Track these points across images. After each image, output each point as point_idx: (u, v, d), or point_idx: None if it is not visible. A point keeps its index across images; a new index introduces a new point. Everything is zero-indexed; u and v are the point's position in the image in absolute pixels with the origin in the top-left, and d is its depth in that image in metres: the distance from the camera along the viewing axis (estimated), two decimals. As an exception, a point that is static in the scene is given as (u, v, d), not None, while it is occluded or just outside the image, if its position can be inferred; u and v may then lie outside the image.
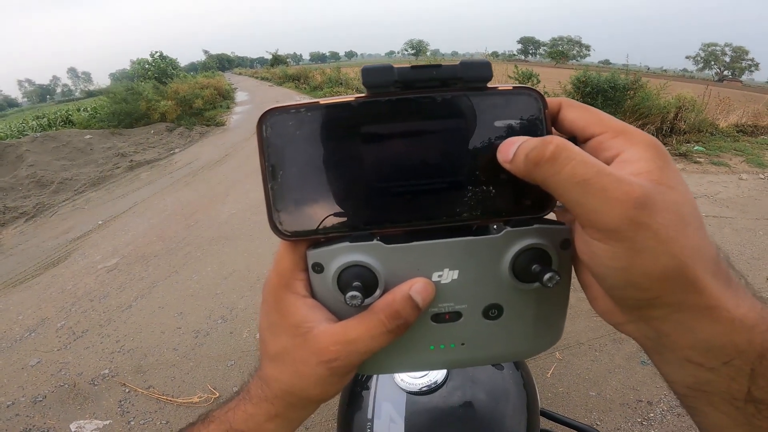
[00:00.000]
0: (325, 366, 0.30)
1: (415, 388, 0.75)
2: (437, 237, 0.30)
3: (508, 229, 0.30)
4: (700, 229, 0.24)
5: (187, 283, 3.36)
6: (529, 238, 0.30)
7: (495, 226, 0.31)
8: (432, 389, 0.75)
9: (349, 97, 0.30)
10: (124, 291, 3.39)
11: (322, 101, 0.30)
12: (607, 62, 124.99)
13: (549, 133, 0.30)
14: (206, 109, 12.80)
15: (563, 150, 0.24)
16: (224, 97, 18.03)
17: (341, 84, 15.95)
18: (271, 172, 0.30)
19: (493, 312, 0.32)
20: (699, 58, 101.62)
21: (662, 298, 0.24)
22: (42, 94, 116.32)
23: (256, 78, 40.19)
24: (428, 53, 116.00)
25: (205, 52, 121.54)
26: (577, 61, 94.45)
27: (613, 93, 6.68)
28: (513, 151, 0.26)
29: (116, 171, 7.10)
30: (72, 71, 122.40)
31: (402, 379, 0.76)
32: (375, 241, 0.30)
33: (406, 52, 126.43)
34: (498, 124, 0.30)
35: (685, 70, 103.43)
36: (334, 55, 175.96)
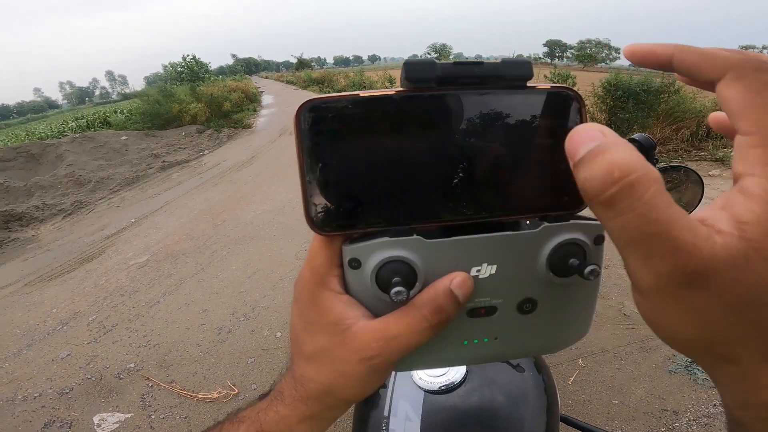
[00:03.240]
0: (366, 363, 0.30)
1: (434, 387, 0.74)
2: (475, 232, 0.30)
3: (546, 224, 0.30)
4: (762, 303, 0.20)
5: (212, 281, 3.44)
6: (566, 233, 0.30)
7: (528, 222, 0.31)
8: (450, 389, 0.74)
9: (390, 91, 0.30)
10: (153, 287, 3.50)
11: (362, 94, 0.30)
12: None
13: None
14: (234, 112, 13.10)
15: (631, 192, 0.19)
16: (251, 100, 18.44)
17: (365, 88, 16.02)
18: (308, 165, 0.30)
19: (527, 306, 0.32)
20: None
21: (695, 360, 0.23)
22: (81, 96, 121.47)
23: (282, 81, 40.92)
24: (451, 57, 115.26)
25: (233, 56, 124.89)
26: (606, 64, 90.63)
27: (646, 96, 6.43)
28: (582, 154, 0.22)
29: (149, 171, 7.35)
30: (109, 74, 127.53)
31: (420, 378, 0.75)
32: (415, 236, 0.30)
33: (429, 56, 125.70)
34: (537, 122, 0.30)
35: None
36: (358, 59, 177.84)
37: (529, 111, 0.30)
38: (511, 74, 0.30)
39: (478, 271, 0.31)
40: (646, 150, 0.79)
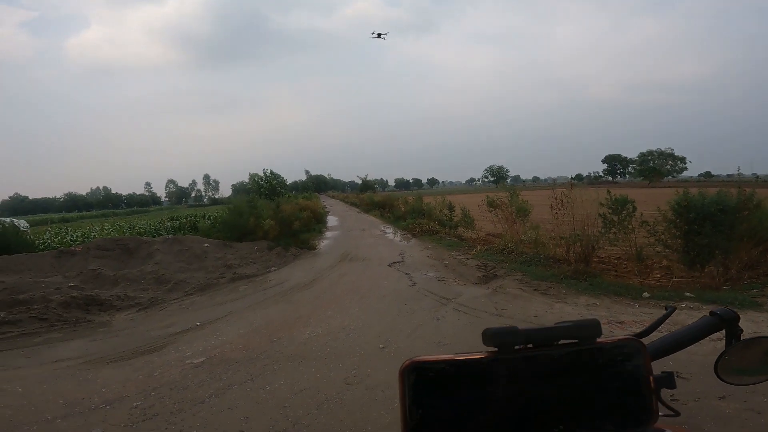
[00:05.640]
0: None
1: None
2: None
3: None
4: None
5: (259, 392, 3.44)
6: None
7: None
8: None
9: (480, 354, 0.38)
10: (202, 387, 3.55)
11: (458, 357, 0.38)
12: (708, 175, 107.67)
13: (649, 371, 0.39)
14: (302, 231, 13.75)
15: None
16: (318, 221, 19.38)
17: (424, 216, 16.23)
18: (410, 411, 0.37)
19: None
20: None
21: None
22: (180, 196, 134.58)
23: (346, 203, 43.82)
24: (508, 180, 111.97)
25: (307, 172, 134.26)
26: (673, 177, 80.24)
27: (723, 217, 5.69)
28: None
29: (221, 280, 7.87)
30: (206, 177, 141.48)
31: None
32: None
33: (486, 180, 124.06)
34: (608, 366, 0.38)
35: None
36: (417, 182, 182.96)
37: (602, 359, 0.38)
38: (582, 335, 0.38)
39: None
40: (728, 322, 0.80)
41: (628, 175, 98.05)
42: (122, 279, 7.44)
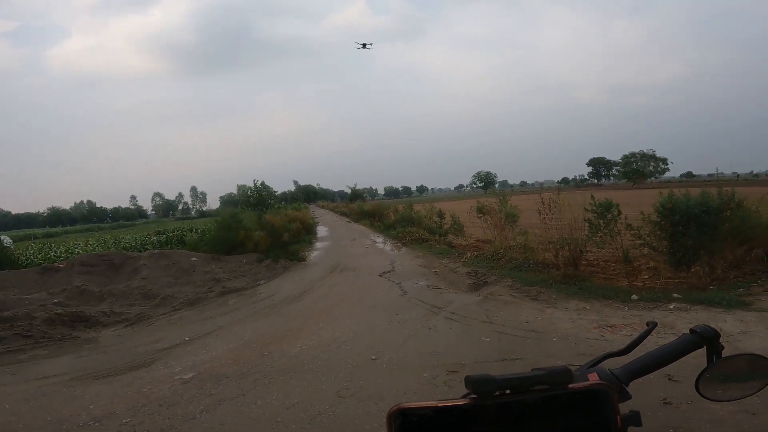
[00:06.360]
0: None
1: None
2: None
3: None
4: None
5: (250, 407, 3.40)
6: None
7: None
8: None
9: (461, 401, 0.41)
10: (192, 403, 3.50)
11: (441, 403, 0.41)
12: (689, 175, 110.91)
13: (617, 412, 0.43)
14: (291, 243, 13.63)
15: None
16: (307, 231, 19.33)
17: (413, 224, 16.24)
18: None
19: None
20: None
21: None
22: (166, 209, 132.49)
23: (336, 212, 43.56)
24: (496, 185, 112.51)
25: (295, 182, 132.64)
26: (656, 177, 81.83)
27: (707, 218, 5.77)
28: None
29: (210, 294, 7.79)
30: (193, 190, 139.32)
31: None
32: None
33: (474, 186, 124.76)
34: (578, 408, 0.41)
35: None
36: (407, 190, 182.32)
37: (574, 402, 0.41)
38: (555, 381, 0.41)
39: None
40: (708, 340, 0.81)
41: (612, 177, 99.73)
42: (108, 295, 7.31)
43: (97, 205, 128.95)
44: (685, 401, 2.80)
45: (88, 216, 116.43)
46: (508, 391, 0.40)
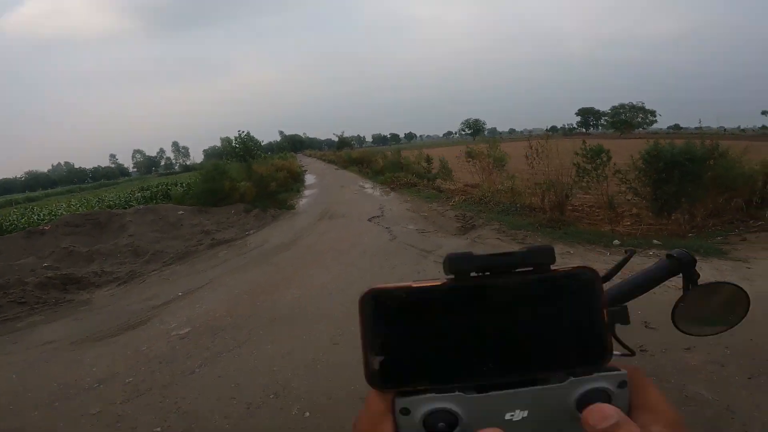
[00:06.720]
0: None
1: None
2: (509, 387, 0.35)
3: (572, 378, 0.35)
4: None
5: (247, 358, 3.51)
6: (592, 383, 0.35)
7: (559, 376, 0.36)
8: None
9: (437, 281, 0.37)
10: (191, 358, 3.60)
11: (415, 284, 0.37)
12: (677, 127, 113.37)
13: (604, 304, 0.38)
14: (279, 192, 13.58)
15: None
16: (295, 180, 19.21)
17: (402, 169, 16.26)
18: (369, 337, 0.37)
19: None
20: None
21: None
22: (149, 165, 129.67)
23: (323, 161, 43.08)
24: (485, 132, 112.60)
25: (281, 132, 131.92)
26: (643, 129, 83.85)
27: (691, 166, 5.95)
28: (603, 426, 0.31)
29: (200, 247, 7.80)
30: (175, 145, 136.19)
31: None
32: (456, 393, 0.35)
33: (463, 132, 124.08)
34: (561, 295, 0.37)
35: (764, 127, 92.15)
36: (395, 137, 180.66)
37: (556, 288, 0.37)
38: (536, 261, 0.38)
39: (511, 416, 0.35)
40: (685, 266, 0.79)
41: (600, 127, 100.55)
42: (97, 254, 7.29)
43: (76, 166, 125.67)
44: (660, 349, 2.93)
45: (68, 177, 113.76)
46: (488, 273, 0.37)
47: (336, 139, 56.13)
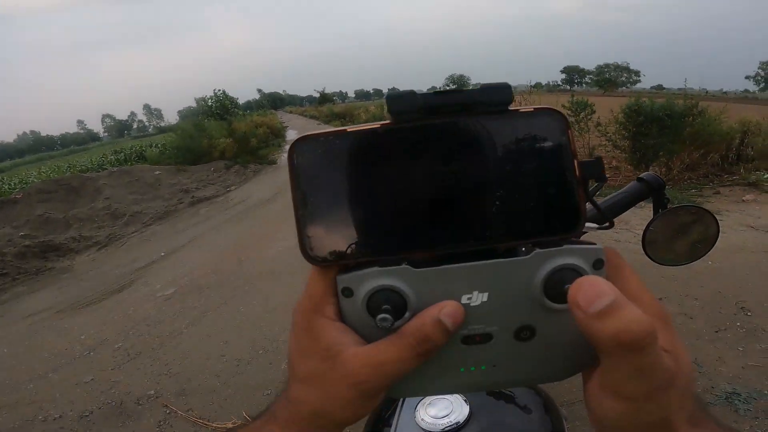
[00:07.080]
0: (354, 388, 0.30)
1: (437, 429, 0.71)
2: (465, 260, 0.30)
3: (538, 250, 0.30)
4: (687, 386, 0.28)
5: (234, 315, 3.55)
6: (560, 259, 0.29)
7: (524, 248, 0.30)
8: (454, 430, 0.71)
9: (375, 124, 0.31)
10: (178, 319, 3.63)
11: (350, 129, 0.31)
12: (660, 87, 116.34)
13: (574, 155, 0.31)
14: (260, 148, 13.38)
15: (653, 346, 0.24)
16: (276, 136, 18.96)
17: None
18: (301, 199, 0.31)
19: (525, 333, 0.31)
20: (759, 78, 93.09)
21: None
22: (120, 129, 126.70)
23: (305, 116, 41.86)
24: (470, 87, 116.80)
25: (259, 91, 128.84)
26: (627, 87, 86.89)
27: (670, 121, 6.15)
28: (599, 307, 0.24)
29: (180, 206, 7.68)
30: (147, 107, 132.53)
31: (422, 419, 0.73)
32: (404, 266, 0.30)
33: (447, 87, 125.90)
34: (523, 145, 0.31)
35: (746, 91, 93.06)
36: (378, 93, 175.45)
37: (515, 134, 0.31)
38: (491, 100, 0.31)
39: (469, 299, 0.30)
40: (655, 189, 0.79)
41: (584, 85, 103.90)
42: (74, 220, 7.12)
43: (43, 134, 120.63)
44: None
45: (35, 146, 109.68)
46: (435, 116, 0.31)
47: (317, 95, 54.07)
